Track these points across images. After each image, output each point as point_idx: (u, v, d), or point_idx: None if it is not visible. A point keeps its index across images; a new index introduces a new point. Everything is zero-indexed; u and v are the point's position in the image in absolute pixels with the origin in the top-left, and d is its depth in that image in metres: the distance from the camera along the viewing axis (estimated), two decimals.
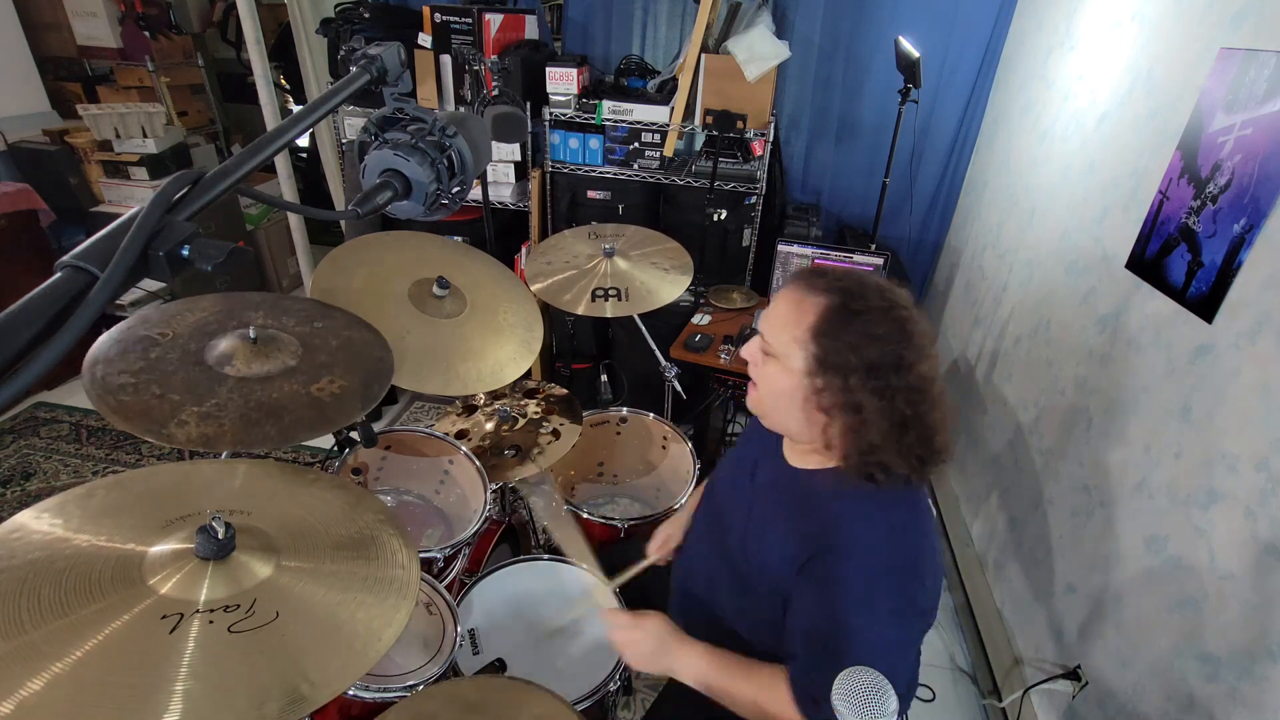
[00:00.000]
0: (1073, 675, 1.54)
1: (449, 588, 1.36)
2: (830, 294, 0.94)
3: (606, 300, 1.70)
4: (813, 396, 0.94)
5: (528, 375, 1.56)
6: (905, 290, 0.96)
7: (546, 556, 1.47)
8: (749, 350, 1.03)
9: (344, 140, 2.78)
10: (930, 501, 1.02)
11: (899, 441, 0.92)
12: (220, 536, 0.79)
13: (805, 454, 1.04)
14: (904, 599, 0.92)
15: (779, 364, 0.97)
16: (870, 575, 0.91)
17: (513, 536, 1.79)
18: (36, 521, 0.82)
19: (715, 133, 2.45)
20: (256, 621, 0.76)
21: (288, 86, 4.06)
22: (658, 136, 2.58)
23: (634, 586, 1.42)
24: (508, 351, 1.47)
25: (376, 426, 1.48)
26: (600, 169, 2.64)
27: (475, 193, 1.70)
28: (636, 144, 2.61)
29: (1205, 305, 1.29)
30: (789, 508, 1.02)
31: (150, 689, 0.67)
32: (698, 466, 1.77)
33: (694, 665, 1.03)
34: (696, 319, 2.53)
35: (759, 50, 2.36)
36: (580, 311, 1.68)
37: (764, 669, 0.99)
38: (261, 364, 1.05)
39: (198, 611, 0.75)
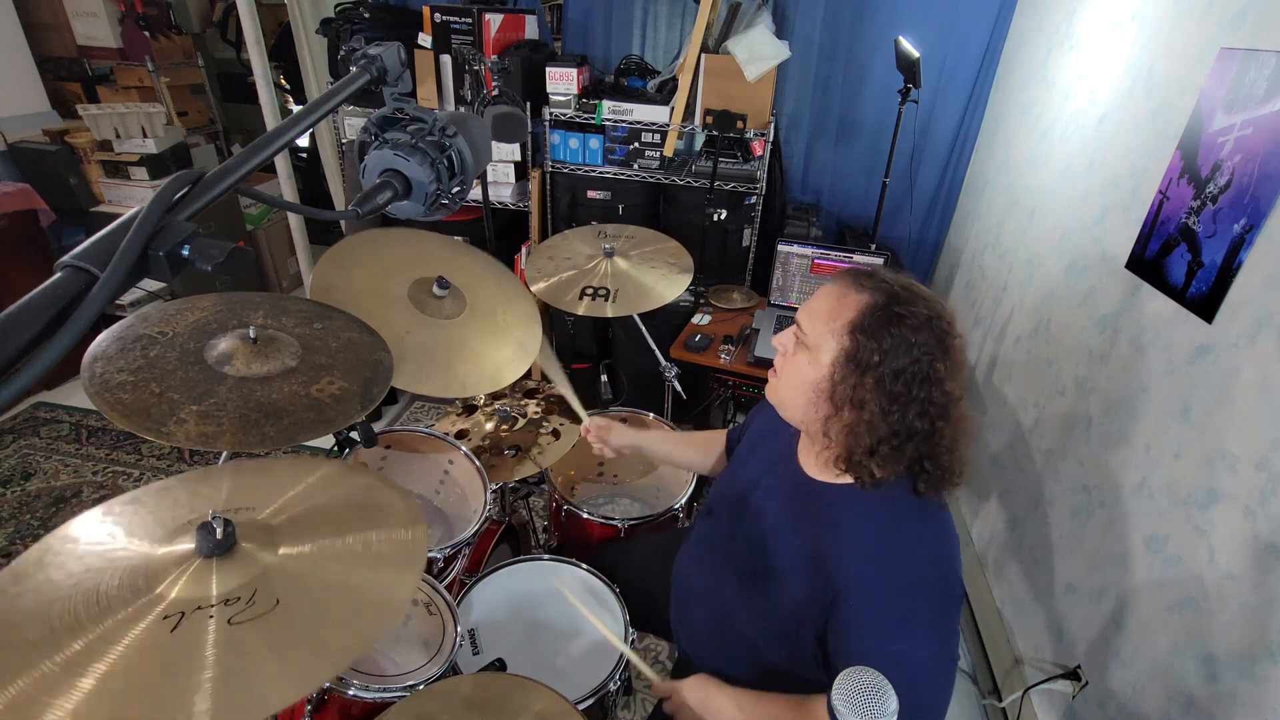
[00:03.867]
0: (1073, 675, 1.54)
1: (449, 588, 1.36)
2: (876, 293, 0.93)
3: (594, 300, 1.70)
4: (829, 389, 0.94)
5: (528, 375, 1.56)
6: (950, 305, 0.96)
7: (547, 556, 1.46)
8: (781, 339, 1.03)
9: (344, 140, 2.78)
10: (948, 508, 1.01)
11: (895, 451, 0.91)
12: (219, 535, 0.79)
13: (821, 464, 1.03)
14: (939, 612, 0.91)
15: (809, 355, 0.97)
16: (904, 598, 0.90)
17: (513, 536, 1.79)
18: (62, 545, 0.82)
19: (715, 133, 2.45)
20: (263, 608, 0.76)
21: (288, 86, 4.07)
22: (658, 136, 2.58)
23: (631, 575, 1.42)
24: (506, 353, 1.47)
25: (376, 426, 1.48)
26: (600, 169, 2.64)
27: (475, 193, 1.70)
28: (636, 144, 2.61)
29: (1205, 305, 1.29)
30: (806, 524, 1.01)
31: (175, 690, 0.67)
32: None
33: (730, 698, 1.05)
34: (696, 319, 2.53)
35: (759, 50, 2.36)
36: (581, 312, 1.68)
37: (808, 699, 0.99)
38: (261, 364, 1.05)
39: (213, 606, 0.76)
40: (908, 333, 0.90)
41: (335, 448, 1.50)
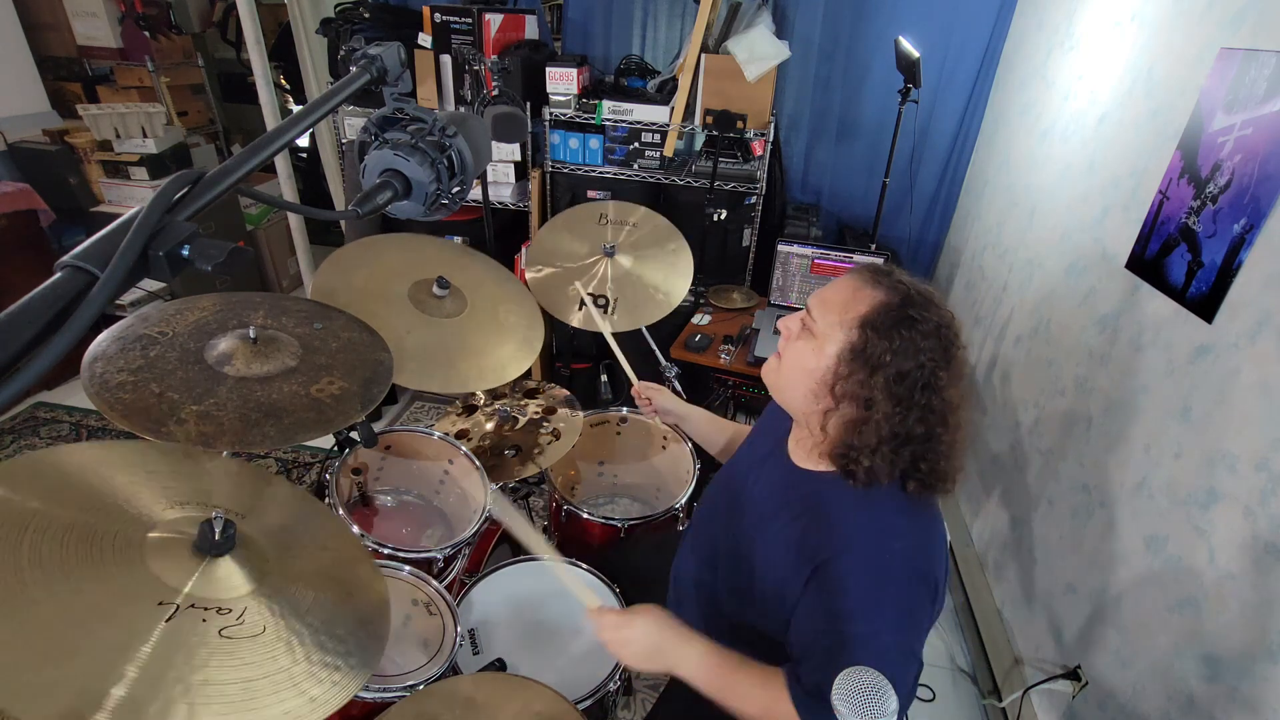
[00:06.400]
0: (1073, 675, 1.54)
1: (449, 588, 1.36)
2: (892, 292, 0.94)
3: (595, 308, 1.69)
4: (831, 381, 0.95)
5: (528, 375, 1.56)
6: (956, 315, 0.97)
7: (546, 557, 1.46)
8: (787, 321, 1.03)
9: (344, 140, 2.78)
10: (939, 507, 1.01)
11: (894, 453, 0.92)
12: (216, 537, 0.79)
13: (810, 455, 1.03)
14: (907, 606, 0.91)
15: (814, 343, 0.97)
16: (874, 582, 0.90)
17: (513, 536, 1.79)
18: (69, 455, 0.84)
19: (715, 133, 2.45)
20: (241, 632, 0.76)
21: (288, 86, 4.06)
22: (658, 136, 2.58)
23: (631, 575, 1.42)
24: (508, 351, 1.47)
25: (376, 426, 1.48)
26: (600, 169, 2.64)
27: (475, 193, 1.70)
28: (636, 144, 2.61)
29: (1205, 305, 1.29)
30: (792, 508, 1.02)
31: (106, 660, 0.68)
32: (697, 467, 1.77)
33: (693, 661, 0.98)
34: (696, 319, 2.53)
35: (759, 50, 2.36)
36: (575, 324, 1.68)
37: (764, 667, 0.98)
38: (261, 364, 1.05)
39: (208, 609, 0.76)
40: (917, 337, 0.90)
41: (335, 448, 1.50)
